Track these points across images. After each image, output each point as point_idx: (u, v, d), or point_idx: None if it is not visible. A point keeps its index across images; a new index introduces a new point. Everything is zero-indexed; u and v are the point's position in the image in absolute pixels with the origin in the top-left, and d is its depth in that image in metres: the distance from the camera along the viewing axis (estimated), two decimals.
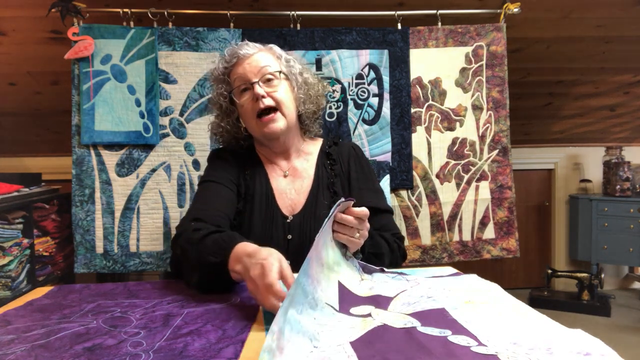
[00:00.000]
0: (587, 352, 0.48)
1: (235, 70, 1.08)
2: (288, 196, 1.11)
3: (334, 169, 1.15)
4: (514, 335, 0.54)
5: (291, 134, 1.13)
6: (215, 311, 0.69)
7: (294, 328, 0.53)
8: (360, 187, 1.13)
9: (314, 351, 0.50)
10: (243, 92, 1.07)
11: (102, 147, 1.73)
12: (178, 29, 1.75)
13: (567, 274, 2.80)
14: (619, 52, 2.25)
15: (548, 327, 0.56)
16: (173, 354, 0.53)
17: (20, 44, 1.98)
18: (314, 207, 1.08)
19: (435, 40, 1.83)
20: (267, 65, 1.07)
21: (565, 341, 0.51)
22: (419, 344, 0.52)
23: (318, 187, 1.12)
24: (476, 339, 0.53)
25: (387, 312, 0.65)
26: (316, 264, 0.68)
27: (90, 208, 1.72)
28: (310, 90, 1.15)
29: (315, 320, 0.58)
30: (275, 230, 1.06)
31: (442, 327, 0.57)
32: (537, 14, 1.99)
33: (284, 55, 1.14)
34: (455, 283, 0.78)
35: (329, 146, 1.19)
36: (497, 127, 1.85)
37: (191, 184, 1.76)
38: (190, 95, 1.76)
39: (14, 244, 1.72)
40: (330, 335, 0.56)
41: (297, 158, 1.16)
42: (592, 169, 3.09)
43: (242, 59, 1.07)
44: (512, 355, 0.48)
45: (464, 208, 1.86)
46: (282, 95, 1.07)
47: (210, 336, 0.59)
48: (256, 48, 1.09)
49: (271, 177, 1.13)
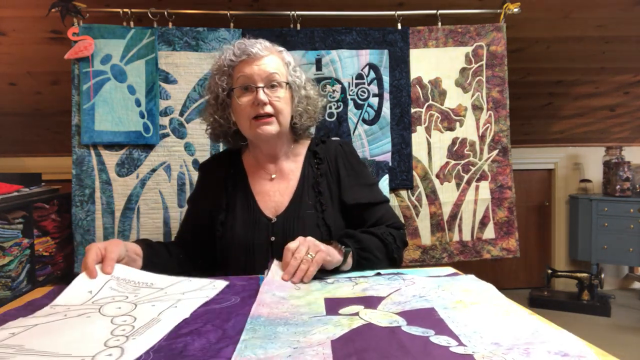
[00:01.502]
0: (565, 353, 0.48)
1: (241, 68, 1.05)
2: (272, 198, 1.10)
3: (319, 167, 1.13)
4: (496, 336, 0.54)
5: (281, 140, 1.12)
6: (215, 311, 0.69)
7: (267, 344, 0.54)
8: (352, 184, 1.12)
9: (292, 354, 0.51)
10: (244, 91, 1.06)
11: (102, 147, 1.73)
12: (178, 29, 1.75)
13: (567, 274, 2.80)
14: (619, 52, 2.25)
15: (533, 328, 0.56)
16: (173, 354, 0.53)
17: (20, 44, 1.99)
18: (298, 207, 1.08)
19: (435, 40, 1.83)
20: (275, 72, 1.05)
21: (546, 342, 0.51)
22: (399, 342, 0.53)
23: (303, 187, 1.11)
24: (457, 339, 0.54)
25: (374, 311, 0.65)
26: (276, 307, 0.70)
27: (90, 208, 1.72)
28: (310, 105, 1.14)
29: (295, 334, 0.58)
30: (257, 233, 1.05)
31: (427, 326, 0.58)
32: (537, 14, 1.99)
33: (292, 62, 1.12)
34: (450, 283, 0.78)
35: (315, 144, 1.17)
36: (497, 127, 1.85)
37: (191, 184, 1.76)
38: (190, 95, 1.76)
39: (14, 244, 1.72)
40: (314, 336, 0.56)
41: (285, 160, 1.15)
42: (592, 169, 3.09)
43: (252, 58, 1.05)
44: (487, 355, 0.49)
45: (464, 208, 1.86)
46: (282, 105, 1.06)
47: (210, 336, 0.59)
48: (267, 50, 1.07)
49: (254, 182, 1.13)
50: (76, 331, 0.61)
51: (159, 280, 0.84)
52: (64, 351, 0.55)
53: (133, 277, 0.83)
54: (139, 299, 0.74)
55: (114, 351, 0.54)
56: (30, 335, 0.60)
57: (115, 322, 0.64)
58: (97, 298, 0.75)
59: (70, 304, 0.73)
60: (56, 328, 0.63)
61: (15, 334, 0.60)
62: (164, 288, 0.80)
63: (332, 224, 1.07)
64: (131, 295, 0.77)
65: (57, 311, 0.70)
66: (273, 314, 0.66)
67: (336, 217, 1.10)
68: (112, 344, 0.56)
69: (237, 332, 0.60)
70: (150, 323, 0.63)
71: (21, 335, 0.60)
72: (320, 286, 0.81)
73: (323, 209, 1.07)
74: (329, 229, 1.06)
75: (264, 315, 0.65)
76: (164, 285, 0.82)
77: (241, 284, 0.85)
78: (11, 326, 0.64)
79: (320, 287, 0.80)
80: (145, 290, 0.79)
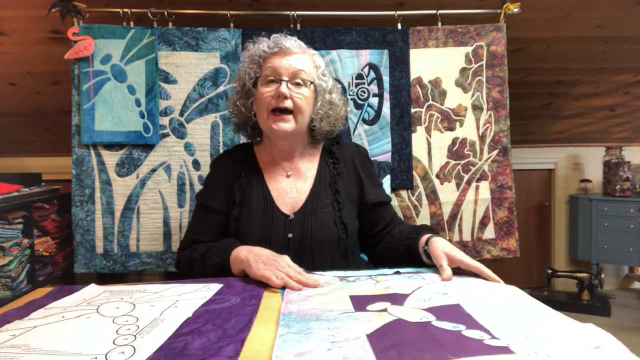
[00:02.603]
0: (597, 346, 0.48)
1: (271, 59, 1.07)
2: (289, 195, 1.11)
3: (336, 167, 1.15)
4: (526, 329, 0.55)
5: (296, 140, 1.13)
6: (215, 311, 0.69)
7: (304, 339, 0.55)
8: (370, 185, 1.17)
9: (332, 348, 0.51)
10: (269, 83, 1.07)
11: (102, 147, 1.73)
12: (178, 29, 1.75)
13: (567, 274, 2.80)
14: (619, 52, 2.25)
15: (560, 322, 0.57)
16: (173, 353, 0.53)
17: (20, 44, 1.99)
18: (315, 204, 1.09)
19: (435, 40, 1.83)
20: (302, 70, 1.07)
21: (576, 335, 0.52)
22: (432, 336, 0.53)
23: (320, 185, 1.12)
24: (489, 332, 0.54)
25: (402, 308, 0.66)
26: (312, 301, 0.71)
27: (90, 208, 1.72)
28: (332, 110, 1.15)
29: (329, 329, 0.58)
30: (275, 230, 1.06)
31: (456, 321, 0.58)
32: (537, 14, 1.99)
33: (322, 67, 1.14)
34: (470, 280, 0.79)
35: (330, 144, 1.20)
36: (497, 127, 1.85)
37: (191, 184, 1.76)
38: (190, 95, 1.76)
39: (14, 244, 1.72)
40: (348, 331, 0.57)
41: (301, 159, 1.17)
42: (592, 169, 3.09)
43: (284, 52, 1.07)
44: (523, 347, 0.49)
45: (464, 208, 1.86)
46: (302, 103, 1.06)
47: (210, 335, 0.59)
48: (300, 49, 1.09)
49: (270, 178, 1.14)
50: (80, 331, 0.62)
51: (151, 286, 0.84)
52: (73, 350, 0.55)
53: (124, 287, 0.84)
54: (136, 300, 0.75)
55: (125, 349, 0.54)
56: (32, 336, 0.60)
57: (117, 322, 0.64)
58: (92, 300, 0.76)
59: (66, 305, 0.74)
60: (58, 329, 0.63)
61: (16, 335, 0.60)
62: (159, 292, 0.80)
63: (349, 222, 1.09)
64: (126, 297, 0.77)
65: (54, 312, 0.70)
66: (303, 311, 0.66)
67: (353, 216, 1.12)
68: (122, 342, 0.56)
69: (237, 332, 0.60)
70: (155, 322, 0.63)
71: (23, 336, 0.60)
72: (342, 284, 0.81)
73: (340, 208, 1.09)
74: (345, 228, 1.07)
75: (294, 312, 0.66)
76: (158, 290, 0.82)
77: (241, 284, 0.86)
78: (9, 328, 0.63)
79: (342, 285, 0.81)
80: (140, 294, 0.79)
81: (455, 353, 0.48)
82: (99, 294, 0.80)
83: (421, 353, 0.48)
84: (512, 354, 0.47)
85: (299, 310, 0.67)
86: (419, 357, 0.48)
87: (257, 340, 0.58)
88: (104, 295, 0.79)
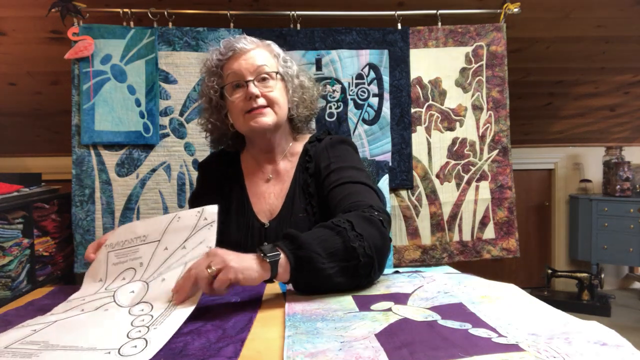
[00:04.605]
0: (604, 343, 0.48)
1: (229, 65, 1.03)
2: (267, 201, 1.08)
3: (308, 167, 1.08)
4: (531, 327, 0.55)
5: (278, 134, 1.09)
6: (215, 311, 0.69)
7: (313, 340, 0.55)
8: (328, 173, 1.01)
9: (342, 348, 0.51)
10: (236, 88, 1.03)
11: (102, 147, 1.73)
12: (178, 29, 1.75)
13: (567, 274, 2.79)
14: (619, 52, 2.25)
15: (564, 320, 0.57)
16: (173, 353, 0.53)
17: (20, 44, 1.99)
18: (290, 210, 1.04)
19: (435, 40, 1.83)
20: (264, 64, 1.03)
21: (581, 332, 0.52)
22: (440, 335, 0.53)
23: (295, 189, 1.07)
24: (495, 331, 0.54)
25: (406, 307, 0.66)
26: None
27: (90, 208, 1.72)
28: (305, 94, 1.11)
29: (336, 329, 0.58)
30: (251, 238, 1.03)
31: (461, 320, 0.58)
32: (537, 14, 1.99)
33: (281, 54, 1.10)
34: (470, 279, 0.79)
35: (309, 142, 1.11)
36: (497, 127, 1.85)
37: (191, 184, 1.76)
38: (190, 95, 1.76)
39: (14, 244, 1.72)
40: (356, 331, 0.57)
41: (282, 160, 1.12)
42: (592, 169, 3.09)
43: (239, 53, 1.03)
44: (532, 344, 0.49)
45: (464, 208, 1.86)
46: (275, 95, 1.03)
47: (210, 335, 0.59)
48: (254, 44, 1.05)
49: (251, 183, 1.10)
50: (97, 325, 0.63)
51: (150, 230, 0.80)
52: (88, 345, 0.55)
53: (125, 237, 0.81)
54: (146, 271, 0.74)
55: (138, 342, 0.55)
56: (52, 332, 0.61)
57: (133, 312, 0.65)
58: (108, 283, 0.76)
59: (85, 295, 0.75)
60: (76, 323, 0.64)
61: (37, 330, 0.61)
62: (161, 239, 0.78)
63: None
64: (135, 262, 0.76)
65: (74, 305, 0.71)
66: (307, 311, 0.66)
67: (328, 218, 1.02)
68: (135, 336, 0.57)
69: (237, 332, 0.60)
70: (167, 312, 0.64)
71: (43, 331, 0.61)
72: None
73: (314, 212, 1.02)
74: None
75: (299, 312, 0.66)
76: (158, 234, 0.79)
77: None
78: (30, 324, 0.65)
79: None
80: (144, 247, 0.77)
81: (467, 351, 0.48)
82: (107, 258, 0.80)
83: (433, 351, 0.49)
84: (523, 352, 0.47)
85: (302, 310, 0.67)
86: (432, 356, 0.48)
87: (257, 340, 0.58)
88: (113, 265, 0.78)
